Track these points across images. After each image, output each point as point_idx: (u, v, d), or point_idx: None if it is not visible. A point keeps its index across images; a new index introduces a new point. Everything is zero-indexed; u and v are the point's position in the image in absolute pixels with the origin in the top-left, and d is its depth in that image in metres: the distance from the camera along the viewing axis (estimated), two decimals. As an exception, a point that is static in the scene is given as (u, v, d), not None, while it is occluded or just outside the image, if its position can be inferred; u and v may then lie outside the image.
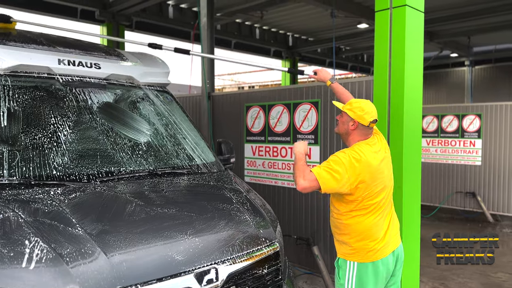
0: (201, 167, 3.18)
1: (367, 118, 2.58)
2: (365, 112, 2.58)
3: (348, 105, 2.67)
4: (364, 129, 2.62)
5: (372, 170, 2.51)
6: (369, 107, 2.62)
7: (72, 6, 7.92)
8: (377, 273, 2.56)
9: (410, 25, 3.65)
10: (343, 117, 2.69)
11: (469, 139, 8.34)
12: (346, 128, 2.66)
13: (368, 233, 2.54)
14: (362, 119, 2.58)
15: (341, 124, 2.72)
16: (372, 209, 2.55)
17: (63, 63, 3.03)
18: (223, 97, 5.95)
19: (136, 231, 2.10)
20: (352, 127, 2.62)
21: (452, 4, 8.50)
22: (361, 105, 2.61)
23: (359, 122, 2.59)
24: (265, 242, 2.54)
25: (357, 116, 2.59)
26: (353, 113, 2.60)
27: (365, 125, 2.59)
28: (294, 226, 5.00)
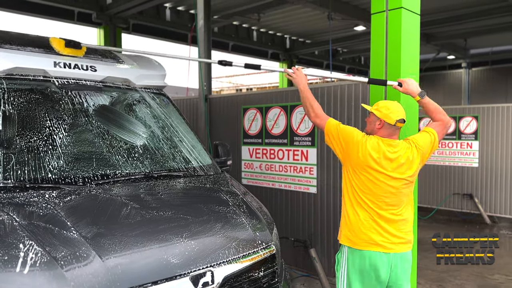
0: (197, 169, 3.17)
1: (392, 116, 2.59)
2: (390, 111, 2.60)
3: (375, 105, 2.72)
4: (390, 128, 2.62)
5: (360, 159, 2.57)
6: (395, 106, 2.64)
7: (69, 8, 7.92)
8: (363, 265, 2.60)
9: (406, 28, 3.66)
10: (370, 117, 2.73)
11: (466, 141, 8.36)
12: (373, 127, 2.69)
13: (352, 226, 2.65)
14: (387, 118, 2.59)
15: (368, 124, 2.76)
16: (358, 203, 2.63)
17: (58, 65, 3.02)
18: (220, 100, 5.96)
19: (132, 234, 2.10)
20: (378, 126, 2.64)
21: (448, 7, 8.54)
22: (386, 104, 2.65)
23: (385, 121, 2.60)
24: (261, 244, 2.54)
25: (382, 114, 2.61)
26: (379, 112, 2.63)
27: (391, 123, 2.60)
28: (291, 228, 5.00)
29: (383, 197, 2.58)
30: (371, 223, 2.59)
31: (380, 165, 2.55)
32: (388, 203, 2.59)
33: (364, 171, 2.59)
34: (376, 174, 2.56)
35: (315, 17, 9.46)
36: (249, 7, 8.58)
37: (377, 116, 2.63)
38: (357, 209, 2.63)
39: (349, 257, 2.65)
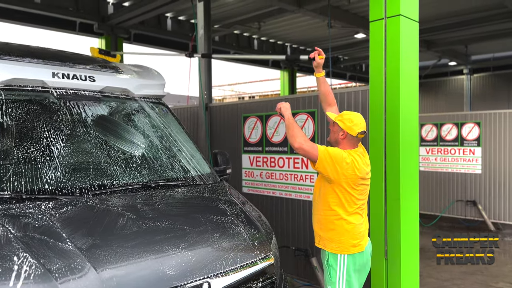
0: (196, 179, 3.16)
1: (355, 129, 2.82)
2: (354, 124, 2.83)
3: (340, 116, 2.92)
4: (352, 139, 2.86)
5: (358, 176, 2.78)
6: (358, 119, 2.87)
7: (71, 19, 7.98)
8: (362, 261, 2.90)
9: (405, 35, 3.66)
10: (334, 127, 2.95)
11: (469, 147, 8.31)
12: (336, 137, 2.91)
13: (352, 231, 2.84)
14: (351, 130, 2.82)
15: (332, 133, 2.98)
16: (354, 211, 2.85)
17: (57, 76, 3.03)
18: (220, 108, 5.96)
19: (127, 245, 2.08)
20: (342, 136, 2.86)
21: (448, 13, 8.55)
22: (350, 117, 2.86)
23: (348, 133, 2.83)
24: (259, 255, 2.51)
25: (346, 126, 2.83)
26: (343, 123, 2.85)
27: (353, 135, 2.83)
28: (292, 237, 4.96)
29: (366, 199, 2.94)
30: (363, 223, 2.90)
31: (367, 175, 2.86)
32: (366, 202, 2.96)
33: (360, 183, 2.81)
34: (366, 182, 2.87)
35: (315, 25, 9.49)
36: (250, 16, 8.62)
37: (341, 127, 2.85)
38: (352, 217, 2.84)
39: (349, 260, 2.83)
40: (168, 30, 9.16)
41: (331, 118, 2.98)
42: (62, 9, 7.61)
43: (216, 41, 10.31)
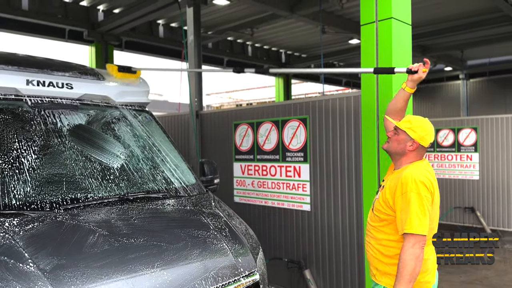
0: (179, 190, 3.00)
1: (428, 139, 2.38)
2: (427, 133, 2.38)
3: (408, 123, 2.42)
4: (422, 150, 2.41)
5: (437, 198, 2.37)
6: (430, 127, 2.42)
7: (60, 27, 7.85)
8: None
9: (397, 38, 3.53)
10: (399, 135, 2.43)
11: (466, 153, 8.18)
12: (403, 148, 2.41)
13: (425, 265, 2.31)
14: (423, 140, 2.37)
15: (395, 142, 2.45)
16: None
17: (31, 83, 2.88)
18: (211, 115, 5.81)
19: (96, 265, 1.91)
20: (411, 147, 2.39)
21: (443, 18, 8.46)
22: (422, 125, 2.39)
23: (420, 144, 2.37)
24: (243, 272, 2.35)
25: (418, 136, 2.36)
26: (414, 132, 2.37)
27: (425, 146, 2.40)
28: (285, 248, 4.79)
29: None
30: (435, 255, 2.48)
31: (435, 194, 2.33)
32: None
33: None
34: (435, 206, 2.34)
35: (309, 31, 9.39)
36: (242, 22, 8.52)
37: (411, 136, 2.37)
38: (428, 249, 2.35)
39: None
40: (160, 37, 9.04)
41: (396, 125, 2.46)
42: (51, 17, 7.48)
43: (209, 48, 10.20)
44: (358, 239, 4.00)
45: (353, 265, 4.05)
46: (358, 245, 4.00)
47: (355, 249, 4.03)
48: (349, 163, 4.10)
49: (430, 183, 2.27)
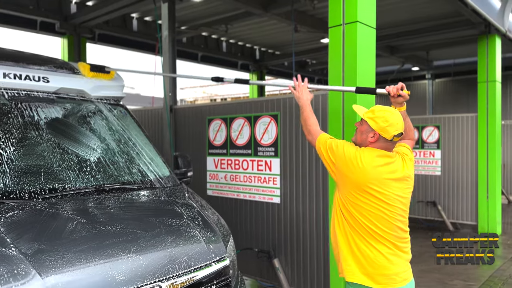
0: (154, 182, 3.13)
1: (390, 130, 2.24)
2: (389, 123, 2.24)
3: (371, 112, 2.32)
4: (385, 142, 2.29)
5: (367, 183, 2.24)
6: (395, 118, 2.27)
7: (31, 18, 7.72)
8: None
9: (362, 41, 3.75)
10: (362, 126, 2.36)
11: (429, 150, 8.60)
12: (365, 139, 2.33)
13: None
14: (384, 132, 2.25)
15: (359, 133, 2.39)
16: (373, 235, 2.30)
17: (8, 76, 2.95)
18: (185, 110, 5.92)
19: (75, 250, 2.04)
20: (372, 139, 2.29)
21: (409, 20, 8.83)
22: (385, 115, 2.26)
23: (381, 135, 2.27)
24: (214, 257, 2.52)
25: (379, 127, 2.25)
26: (375, 123, 2.27)
27: (387, 138, 2.26)
28: (256, 239, 4.99)
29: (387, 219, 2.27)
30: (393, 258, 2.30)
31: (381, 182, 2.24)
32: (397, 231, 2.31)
33: (368, 194, 2.25)
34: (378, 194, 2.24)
35: (282, 29, 9.58)
36: (216, 18, 8.61)
37: (372, 127, 2.28)
38: (373, 243, 2.28)
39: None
40: (134, 30, 9.02)
41: (360, 115, 2.41)
42: (21, 7, 7.36)
43: (183, 43, 10.23)
44: (324, 230, 4.23)
45: (319, 254, 4.29)
46: (324, 235, 4.23)
47: (321, 239, 4.26)
48: (316, 159, 4.32)
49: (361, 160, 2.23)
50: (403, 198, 2.31)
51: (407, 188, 2.35)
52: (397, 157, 2.34)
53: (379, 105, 2.38)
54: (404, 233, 2.38)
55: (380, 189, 2.23)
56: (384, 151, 2.29)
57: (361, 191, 2.25)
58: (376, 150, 2.29)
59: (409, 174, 2.36)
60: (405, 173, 2.33)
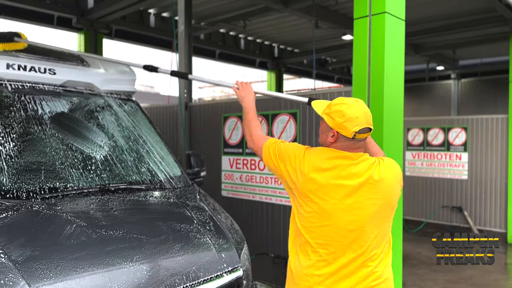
0: (163, 182, 2.92)
1: (348, 127, 1.83)
2: (346, 119, 1.83)
3: (327, 108, 1.94)
4: (346, 141, 1.88)
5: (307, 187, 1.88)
6: (353, 111, 1.84)
7: (49, 13, 7.65)
8: None
9: (390, 33, 3.47)
10: (322, 124, 2.01)
11: (455, 153, 8.20)
12: (325, 139, 1.96)
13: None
14: (342, 129, 1.84)
15: (320, 132, 2.04)
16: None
17: (12, 67, 2.78)
18: (200, 107, 5.72)
19: (71, 258, 1.83)
20: (332, 139, 1.90)
21: (436, 16, 8.43)
22: (342, 109, 1.85)
23: (339, 133, 1.86)
24: (226, 267, 2.29)
25: (336, 124, 1.86)
26: (331, 119, 1.87)
27: (347, 136, 1.85)
28: (272, 243, 4.74)
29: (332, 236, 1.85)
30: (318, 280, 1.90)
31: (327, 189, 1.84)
32: (345, 247, 1.85)
33: (309, 199, 1.88)
34: (322, 202, 1.85)
35: (302, 25, 9.30)
36: (234, 14, 8.39)
37: (329, 124, 1.89)
38: (300, 255, 1.97)
39: None
40: (151, 27, 8.88)
41: (316, 111, 2.05)
42: (39, 2, 7.29)
43: (201, 40, 10.05)
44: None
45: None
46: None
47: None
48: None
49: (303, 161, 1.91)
50: (360, 210, 1.82)
51: (371, 198, 1.84)
52: (363, 159, 1.89)
53: (339, 98, 1.99)
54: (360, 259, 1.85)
55: (321, 197, 1.85)
56: (343, 151, 1.88)
57: (302, 196, 1.90)
58: (329, 151, 1.90)
59: (378, 179, 1.85)
60: (370, 177, 1.84)
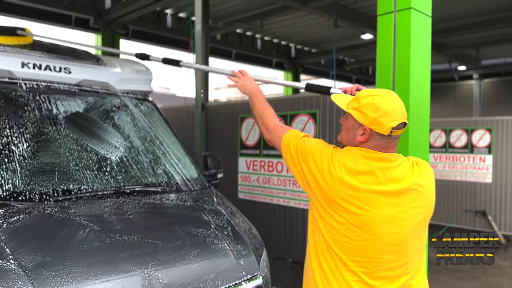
0: (180, 184, 2.82)
1: (385, 122, 1.54)
2: (382, 113, 1.54)
3: (355, 101, 1.62)
4: (381, 140, 1.58)
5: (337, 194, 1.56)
6: (389, 103, 1.55)
7: (66, 14, 7.70)
8: None
9: (416, 30, 3.31)
10: (347, 121, 1.68)
11: (479, 155, 7.92)
12: (352, 138, 1.64)
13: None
14: (377, 125, 1.55)
15: (344, 132, 1.70)
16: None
17: (27, 66, 2.72)
18: (217, 108, 5.63)
19: (84, 264, 1.74)
20: (362, 137, 1.60)
21: (459, 15, 8.19)
22: (375, 102, 1.55)
23: (373, 130, 1.57)
24: (245, 275, 2.17)
25: (368, 120, 1.56)
26: (362, 115, 1.57)
27: (383, 134, 1.56)
28: (290, 248, 4.61)
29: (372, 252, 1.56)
30: None
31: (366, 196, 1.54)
32: (386, 264, 1.57)
33: (341, 209, 1.56)
34: (360, 212, 1.54)
35: (321, 24, 9.15)
36: (252, 13, 8.30)
37: (359, 121, 1.59)
38: (328, 274, 1.62)
39: None
40: (167, 27, 8.86)
41: (340, 106, 1.72)
42: (57, 2, 7.33)
43: (218, 40, 10.00)
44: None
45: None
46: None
47: (364, 252, 3.84)
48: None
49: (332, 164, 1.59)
50: (403, 221, 1.58)
51: (416, 207, 1.61)
52: (401, 160, 1.62)
53: (366, 89, 1.70)
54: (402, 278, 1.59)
55: (359, 206, 1.54)
56: (378, 152, 1.59)
57: (332, 204, 1.58)
58: (363, 151, 1.60)
59: (421, 183, 1.63)
60: (413, 182, 1.60)
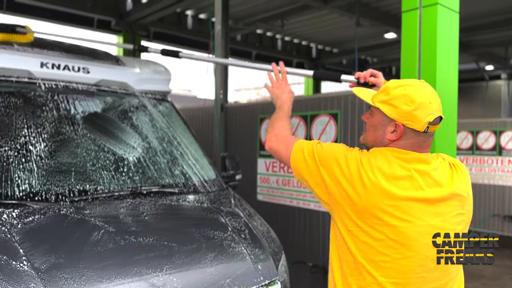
0: (197, 186, 2.77)
1: (420, 116, 1.32)
2: (417, 105, 1.32)
3: (383, 93, 1.40)
4: (416, 137, 1.36)
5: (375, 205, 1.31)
6: (423, 94, 1.34)
7: (88, 16, 7.80)
8: None
9: (443, 27, 3.18)
10: (373, 117, 1.44)
11: (508, 158, 7.61)
12: (381, 137, 1.41)
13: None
14: (411, 119, 1.33)
15: (370, 130, 1.46)
16: None
17: (46, 66, 2.72)
18: (237, 109, 5.58)
19: (97, 266, 1.71)
20: (393, 135, 1.37)
21: (487, 12, 7.90)
22: (407, 93, 1.33)
23: (406, 126, 1.35)
24: (263, 281, 2.09)
25: (401, 114, 1.34)
26: (393, 108, 1.35)
27: (418, 130, 1.34)
28: (309, 251, 4.50)
29: (415, 272, 1.37)
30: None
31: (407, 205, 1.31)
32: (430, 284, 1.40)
33: (379, 222, 1.32)
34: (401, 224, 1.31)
35: (343, 24, 9.00)
36: (272, 13, 8.23)
37: (389, 116, 1.37)
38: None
39: None
40: (188, 28, 8.88)
41: (364, 99, 1.48)
42: (79, 5, 7.43)
43: (238, 41, 9.96)
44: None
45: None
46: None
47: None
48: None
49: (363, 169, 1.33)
50: (446, 231, 1.42)
51: (459, 214, 1.40)
52: (440, 162, 1.40)
53: (394, 80, 1.45)
54: None
55: (400, 217, 1.31)
56: (412, 152, 1.36)
57: (367, 217, 1.33)
58: (397, 152, 1.36)
59: (463, 187, 1.40)
60: (456, 186, 1.38)
